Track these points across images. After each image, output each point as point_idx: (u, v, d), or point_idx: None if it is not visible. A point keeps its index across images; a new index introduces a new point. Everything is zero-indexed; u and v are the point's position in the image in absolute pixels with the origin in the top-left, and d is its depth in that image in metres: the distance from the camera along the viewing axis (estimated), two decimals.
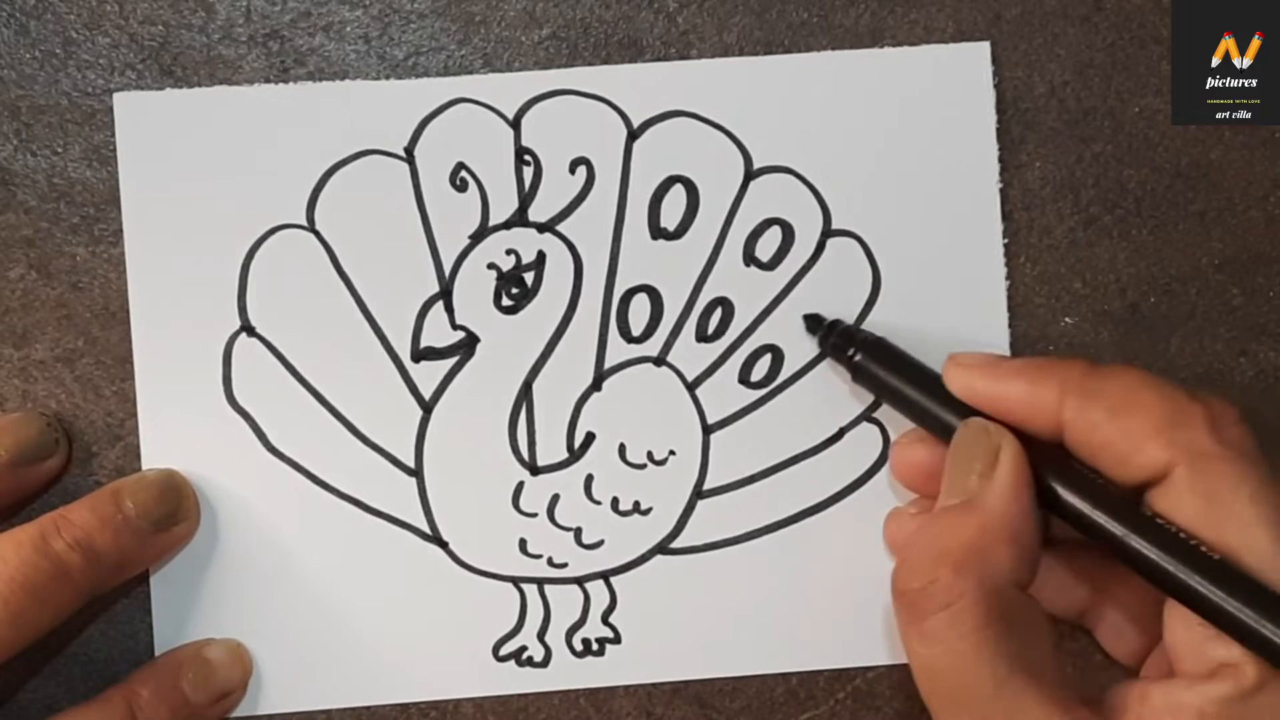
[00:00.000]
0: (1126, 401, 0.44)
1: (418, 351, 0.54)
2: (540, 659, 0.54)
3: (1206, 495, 0.42)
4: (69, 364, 0.54)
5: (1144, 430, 0.43)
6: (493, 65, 0.54)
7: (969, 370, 0.48)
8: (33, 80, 0.53)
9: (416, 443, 0.54)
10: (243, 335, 0.54)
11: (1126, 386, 0.45)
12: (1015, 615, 0.43)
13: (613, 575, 0.54)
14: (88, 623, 0.53)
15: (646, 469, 0.54)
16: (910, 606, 0.44)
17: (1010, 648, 0.43)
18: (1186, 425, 0.43)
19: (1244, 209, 0.56)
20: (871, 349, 0.52)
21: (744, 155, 0.54)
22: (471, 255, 0.54)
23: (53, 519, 0.49)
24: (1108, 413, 0.44)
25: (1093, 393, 0.45)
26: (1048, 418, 0.46)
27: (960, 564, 0.44)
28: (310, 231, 0.54)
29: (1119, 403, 0.44)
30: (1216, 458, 0.42)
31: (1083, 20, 0.55)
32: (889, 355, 0.52)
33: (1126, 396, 0.44)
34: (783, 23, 0.55)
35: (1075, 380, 0.45)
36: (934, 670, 0.44)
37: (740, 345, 0.54)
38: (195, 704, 0.52)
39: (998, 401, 0.47)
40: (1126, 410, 0.44)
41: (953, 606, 0.43)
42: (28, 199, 0.53)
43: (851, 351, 0.52)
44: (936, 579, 0.44)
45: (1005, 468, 0.45)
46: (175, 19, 0.54)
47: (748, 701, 0.55)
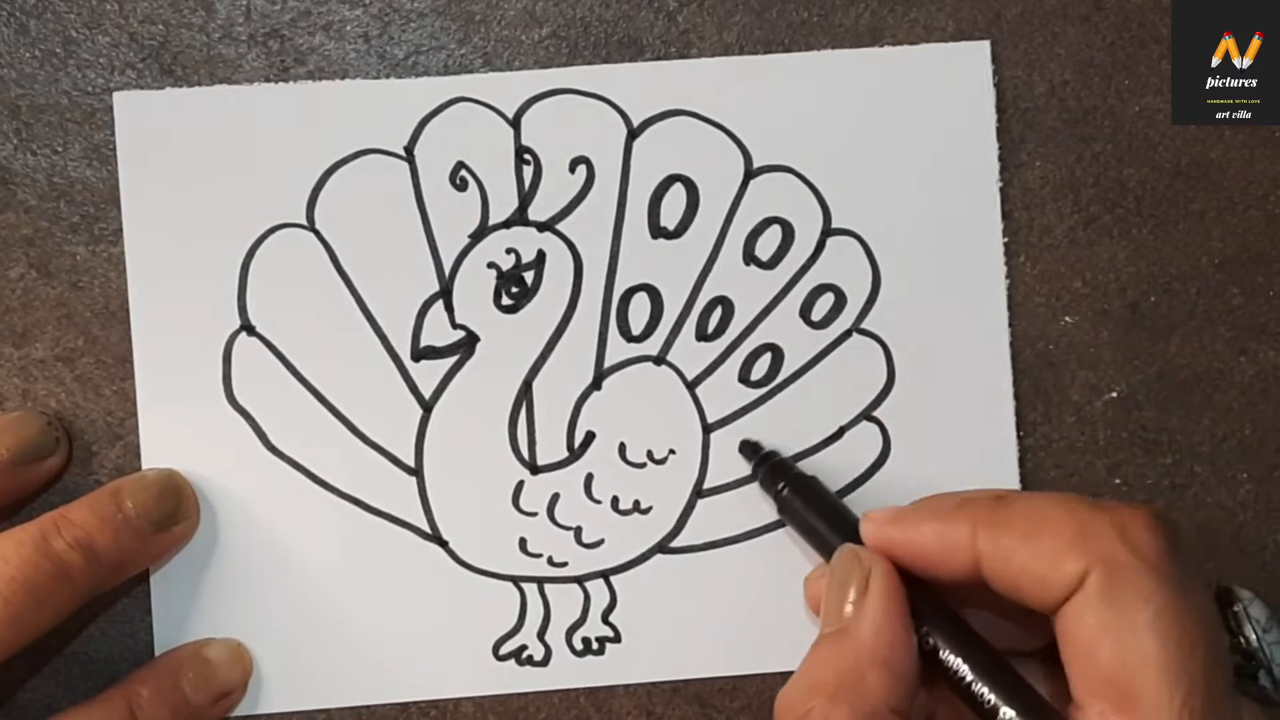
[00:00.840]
0: (1036, 523, 0.44)
1: (418, 351, 0.54)
2: (540, 658, 0.54)
3: (1115, 604, 0.42)
4: (69, 363, 0.54)
5: (1056, 547, 0.43)
6: (493, 64, 0.54)
7: (881, 523, 0.47)
8: (33, 79, 0.53)
9: (416, 442, 0.54)
10: (243, 334, 0.54)
11: (1034, 509, 0.44)
12: None
13: (613, 574, 0.54)
14: (88, 622, 0.53)
15: (646, 468, 0.54)
16: None
17: None
18: (1097, 535, 0.43)
19: (1244, 208, 0.56)
20: (799, 486, 0.52)
21: (744, 154, 0.54)
22: (471, 254, 0.54)
23: (53, 518, 0.49)
24: (1021, 538, 0.44)
25: (1002, 523, 0.44)
26: (963, 555, 0.45)
27: (834, 694, 0.43)
28: (310, 231, 0.54)
29: (1030, 526, 0.44)
30: (1127, 566, 0.42)
31: (1083, 20, 0.55)
32: (813, 495, 0.52)
33: (1036, 518, 0.44)
34: (783, 22, 0.55)
35: (984, 514, 0.45)
36: None
37: (740, 344, 0.54)
38: (195, 704, 0.52)
39: (913, 547, 0.46)
40: (1037, 532, 0.44)
41: None
42: (28, 198, 0.53)
43: (781, 486, 0.52)
44: (811, 709, 0.43)
45: (875, 593, 0.45)
46: (175, 18, 0.54)
47: (748, 701, 0.55)
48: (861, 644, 0.44)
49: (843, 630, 0.45)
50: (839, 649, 0.44)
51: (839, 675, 0.44)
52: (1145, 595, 0.41)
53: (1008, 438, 0.55)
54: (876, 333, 0.55)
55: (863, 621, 0.45)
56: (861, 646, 0.44)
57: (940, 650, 0.45)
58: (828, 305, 0.55)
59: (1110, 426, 0.55)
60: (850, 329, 0.55)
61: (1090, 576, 0.42)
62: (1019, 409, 0.55)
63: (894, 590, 0.45)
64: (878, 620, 0.44)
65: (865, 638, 0.44)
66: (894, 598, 0.45)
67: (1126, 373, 0.55)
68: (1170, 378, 0.56)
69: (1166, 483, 0.56)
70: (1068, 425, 0.55)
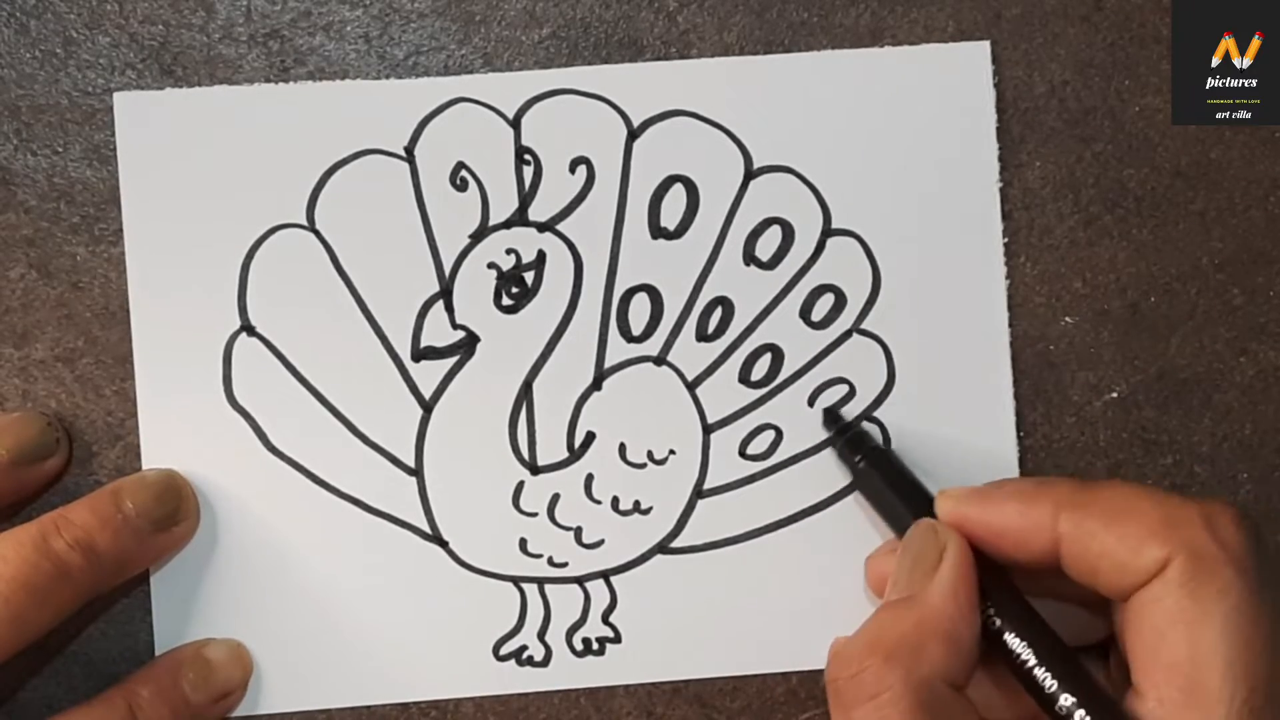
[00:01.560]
0: (1122, 509, 0.44)
1: (418, 351, 0.54)
2: (540, 658, 0.54)
3: (1194, 594, 0.42)
4: (69, 364, 0.54)
5: (1140, 534, 0.43)
6: (493, 65, 0.54)
7: (959, 500, 0.48)
8: (33, 80, 0.53)
9: (417, 442, 0.54)
10: (243, 335, 0.54)
11: (1121, 495, 0.45)
12: (944, 712, 0.43)
13: (613, 575, 0.54)
14: (88, 623, 0.53)
15: (647, 468, 0.54)
16: (838, 695, 0.44)
17: None
18: (1183, 524, 0.43)
19: (1244, 208, 0.56)
20: (876, 459, 0.52)
21: (744, 154, 0.54)
22: (472, 255, 0.54)
23: (53, 519, 0.49)
24: (1104, 521, 0.44)
25: (1087, 505, 0.45)
26: (1043, 536, 0.45)
27: (890, 655, 0.44)
28: (310, 231, 0.54)
29: (1114, 510, 0.44)
30: (1212, 557, 0.42)
31: (1083, 20, 0.55)
32: (891, 469, 0.52)
33: (1122, 504, 0.44)
34: (783, 22, 0.55)
35: (1067, 496, 0.45)
36: None
37: (740, 345, 0.54)
38: (195, 704, 0.52)
39: (992, 525, 0.46)
40: (1123, 517, 0.44)
41: (879, 697, 0.43)
42: (28, 198, 0.53)
43: (859, 458, 0.52)
44: (865, 669, 0.44)
45: (949, 565, 0.45)
46: (175, 18, 0.54)
47: (748, 701, 0.55)
48: (927, 612, 0.44)
49: (909, 598, 0.45)
50: (903, 615, 0.45)
51: (899, 639, 0.44)
52: (1224, 588, 0.42)
53: (1008, 438, 0.55)
54: (876, 333, 0.55)
55: (932, 591, 0.45)
56: (927, 614, 0.44)
57: (1005, 632, 0.45)
58: (828, 305, 0.55)
59: (1110, 427, 0.55)
60: (850, 329, 0.55)
61: (1172, 564, 0.42)
62: (1019, 409, 0.55)
63: (967, 566, 0.45)
64: (946, 591, 0.45)
65: (932, 606, 0.45)
66: (966, 573, 0.45)
67: (1127, 373, 0.55)
68: (1170, 378, 0.56)
69: (1167, 483, 0.56)
70: (1068, 425, 0.55)
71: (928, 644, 0.44)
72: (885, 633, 0.44)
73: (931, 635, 0.44)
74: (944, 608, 0.45)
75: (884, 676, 0.43)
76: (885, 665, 0.43)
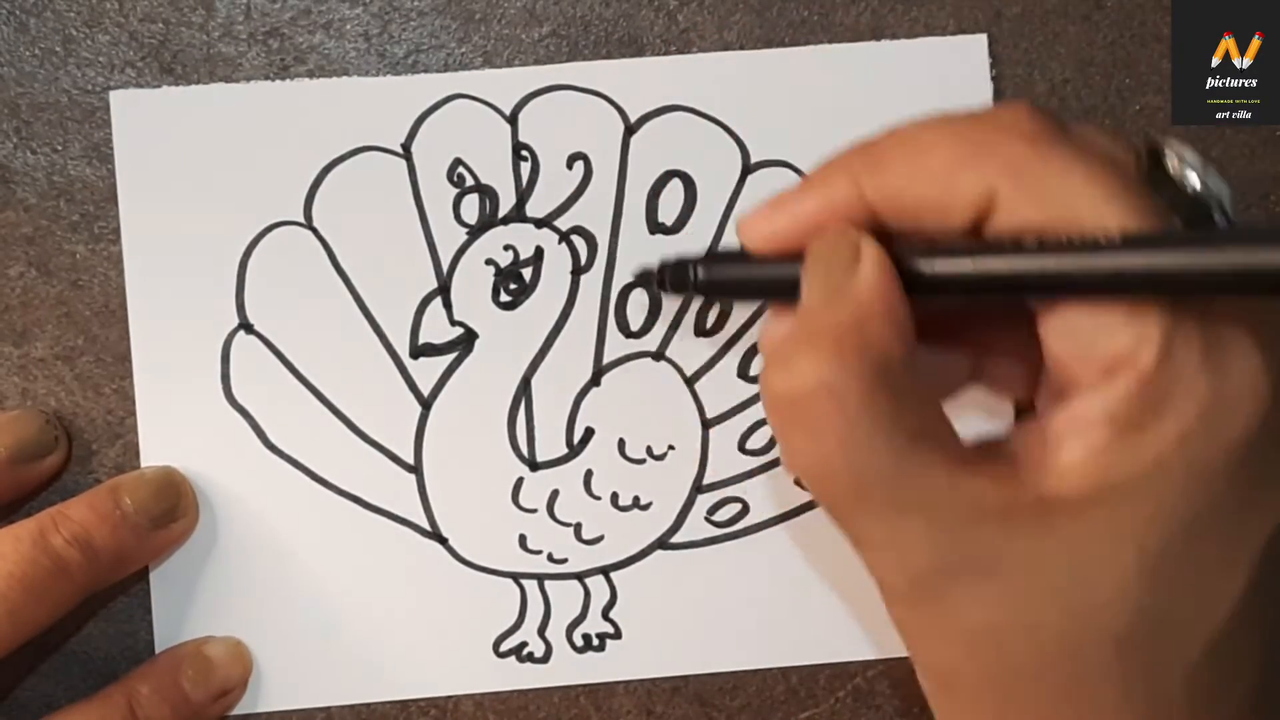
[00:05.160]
0: (917, 151, 0.41)
1: (416, 348, 0.54)
2: (541, 655, 0.54)
3: (1039, 198, 0.39)
4: (69, 362, 0.54)
5: (948, 167, 0.40)
6: (493, 63, 0.54)
7: (756, 222, 0.43)
8: (32, 78, 0.54)
9: (415, 439, 0.54)
10: (241, 333, 0.54)
11: (908, 137, 0.41)
12: (903, 389, 0.39)
13: (613, 570, 0.54)
14: (87, 620, 0.53)
15: (646, 464, 0.54)
16: (787, 400, 0.40)
17: (905, 421, 0.39)
18: (987, 144, 0.40)
19: (1245, 207, 0.56)
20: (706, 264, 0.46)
21: (741, 149, 0.54)
22: (469, 251, 0.54)
23: (51, 515, 0.49)
24: (907, 171, 0.41)
25: (881, 162, 0.41)
26: (857, 216, 0.41)
27: (836, 344, 0.39)
28: (308, 229, 0.54)
29: (911, 155, 0.41)
30: (1030, 158, 0.39)
31: (1083, 18, 0.55)
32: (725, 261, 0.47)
33: (915, 147, 0.41)
34: (783, 20, 0.55)
35: (860, 162, 0.42)
36: (827, 466, 0.39)
37: (739, 339, 0.54)
38: (195, 701, 0.52)
39: (806, 228, 0.42)
40: (921, 157, 0.40)
41: (834, 388, 0.38)
42: (27, 197, 0.54)
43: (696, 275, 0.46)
44: (812, 362, 0.39)
45: (868, 255, 0.40)
46: (175, 16, 0.54)
47: (748, 700, 0.54)
48: (861, 297, 0.40)
49: (836, 292, 0.40)
50: (836, 307, 0.40)
51: (839, 327, 0.39)
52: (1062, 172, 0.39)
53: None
54: None
55: (860, 281, 0.40)
56: (860, 300, 0.40)
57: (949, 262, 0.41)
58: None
59: None
60: None
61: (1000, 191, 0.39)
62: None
63: (884, 254, 0.40)
64: (875, 276, 0.40)
65: (864, 290, 0.40)
66: (886, 259, 0.40)
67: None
68: None
69: None
70: None
71: (871, 326, 0.39)
72: (822, 322, 0.40)
73: (871, 318, 0.39)
74: (877, 290, 0.40)
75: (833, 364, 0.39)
76: (832, 355, 0.39)
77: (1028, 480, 0.39)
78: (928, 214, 0.40)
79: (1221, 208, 0.41)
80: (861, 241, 0.41)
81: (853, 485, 0.39)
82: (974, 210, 0.39)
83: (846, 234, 0.41)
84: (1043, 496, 0.38)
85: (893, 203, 0.41)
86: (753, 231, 0.43)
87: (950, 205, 0.40)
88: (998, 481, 0.39)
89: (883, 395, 0.39)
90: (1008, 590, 0.38)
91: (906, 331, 0.40)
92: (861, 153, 0.42)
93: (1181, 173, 0.41)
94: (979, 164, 0.39)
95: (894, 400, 0.39)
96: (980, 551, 0.38)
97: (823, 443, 0.39)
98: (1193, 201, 0.41)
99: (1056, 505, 0.38)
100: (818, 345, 0.39)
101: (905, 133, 0.41)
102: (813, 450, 0.40)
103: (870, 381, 0.39)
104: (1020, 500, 0.38)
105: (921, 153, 0.41)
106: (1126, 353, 0.37)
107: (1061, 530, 0.38)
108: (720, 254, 0.50)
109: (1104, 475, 0.38)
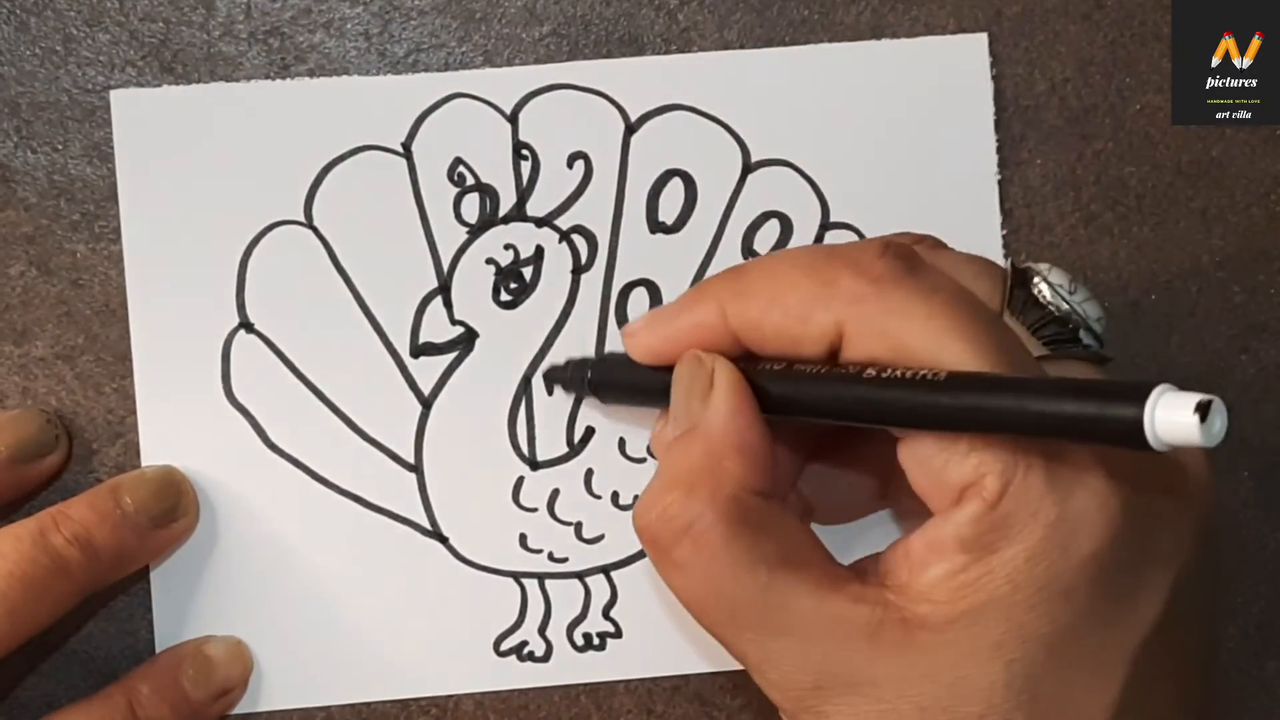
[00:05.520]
0: (776, 285, 0.43)
1: (417, 347, 0.54)
2: (541, 654, 0.54)
3: (880, 336, 0.41)
4: (69, 361, 0.53)
5: (802, 302, 0.42)
6: (493, 62, 0.54)
7: (638, 334, 0.47)
8: (33, 77, 0.54)
9: (416, 438, 0.54)
10: (241, 332, 0.54)
11: (769, 271, 0.44)
12: (761, 520, 0.42)
13: (613, 570, 0.54)
14: (88, 619, 0.53)
15: (646, 463, 0.54)
16: (654, 541, 0.42)
17: (765, 550, 0.41)
18: (834, 281, 0.42)
19: (1245, 206, 0.56)
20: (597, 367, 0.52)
21: (741, 148, 0.54)
22: (470, 250, 0.54)
23: (51, 514, 0.49)
24: (765, 303, 0.43)
25: (744, 293, 0.44)
26: (723, 336, 0.44)
27: (691, 484, 0.42)
28: (308, 228, 0.54)
29: (770, 289, 0.43)
30: (871, 298, 0.41)
31: (1084, 17, 0.55)
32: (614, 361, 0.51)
33: (775, 282, 0.43)
34: (783, 20, 0.55)
35: (727, 289, 0.44)
36: (699, 598, 0.42)
37: None
38: (195, 701, 0.52)
39: (678, 344, 0.45)
40: (779, 292, 0.43)
41: (694, 527, 0.41)
42: (28, 196, 0.53)
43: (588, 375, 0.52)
44: (670, 504, 0.42)
45: (721, 385, 0.43)
46: (175, 16, 0.54)
47: (749, 699, 0.54)
48: (713, 434, 0.43)
49: (692, 429, 0.43)
50: (691, 445, 0.43)
51: (693, 467, 0.42)
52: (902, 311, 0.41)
53: None
54: None
55: (712, 415, 0.43)
56: (713, 436, 0.43)
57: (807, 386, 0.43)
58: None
59: None
60: None
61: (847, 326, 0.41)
62: None
63: (738, 382, 0.43)
64: (725, 410, 0.43)
65: (716, 427, 0.43)
66: (739, 388, 0.43)
67: (1128, 371, 0.55)
68: (1171, 376, 0.54)
69: None
70: None
71: (723, 463, 0.42)
72: (678, 466, 0.43)
73: (724, 455, 0.42)
74: (729, 425, 0.43)
75: (690, 505, 0.41)
76: (689, 495, 0.41)
77: (895, 600, 0.40)
78: (785, 344, 0.43)
79: (1089, 328, 0.44)
80: (716, 368, 0.44)
81: (725, 614, 0.42)
82: (826, 343, 0.42)
83: (702, 361, 0.44)
84: (907, 617, 0.40)
85: (754, 331, 0.43)
86: (634, 341, 0.47)
87: (804, 337, 0.42)
88: (865, 602, 0.41)
89: (741, 528, 0.41)
90: (879, 705, 0.40)
91: (761, 461, 0.43)
92: (730, 280, 0.45)
93: (1048, 295, 0.44)
94: (827, 302, 0.41)
95: (753, 531, 0.41)
96: (850, 670, 0.40)
97: (689, 578, 0.42)
98: (1060, 319, 0.44)
99: (921, 624, 0.40)
100: (675, 485, 0.42)
101: (767, 265, 0.44)
102: (682, 583, 0.42)
103: (727, 516, 0.41)
104: (887, 620, 0.40)
105: (780, 288, 0.43)
106: (972, 480, 0.39)
107: (927, 649, 0.40)
108: (611, 358, 0.52)
109: (961, 595, 0.39)
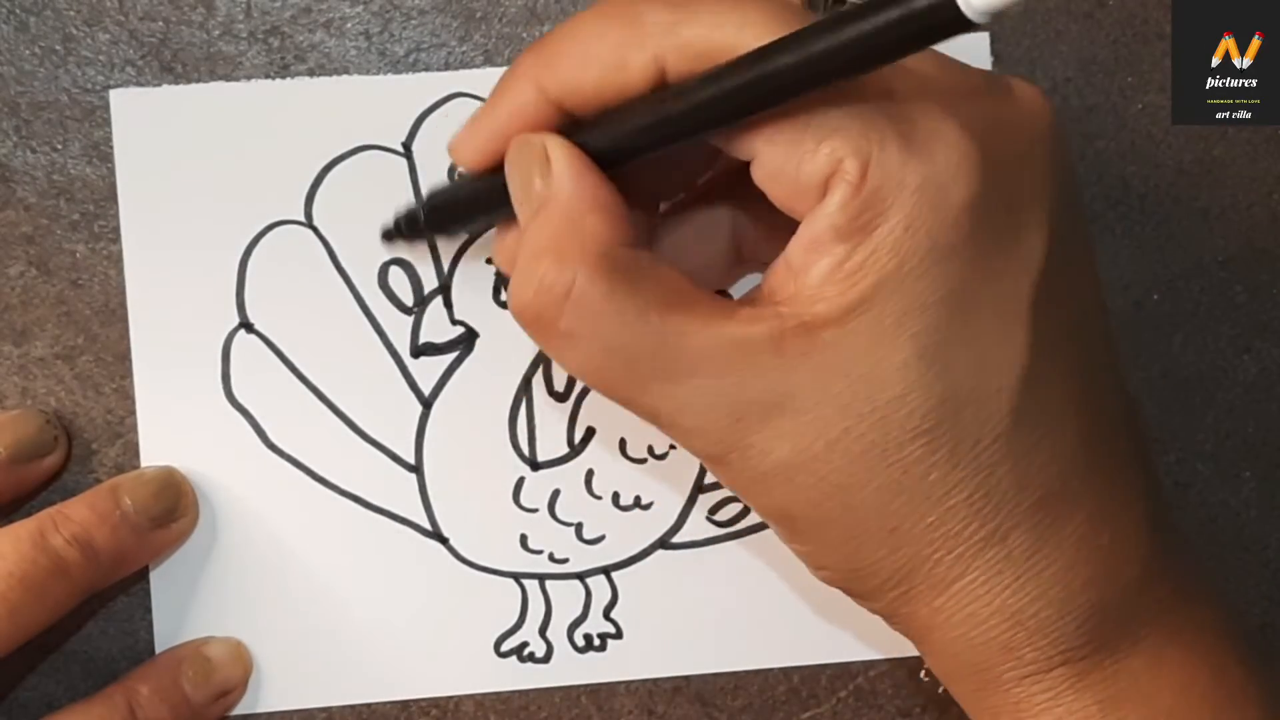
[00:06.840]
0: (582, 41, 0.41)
1: (417, 347, 0.54)
2: (542, 654, 0.54)
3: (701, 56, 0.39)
4: (68, 361, 0.53)
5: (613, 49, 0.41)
6: (494, 62, 0.54)
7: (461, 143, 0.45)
8: (32, 76, 0.53)
9: (416, 439, 0.54)
10: (241, 332, 0.53)
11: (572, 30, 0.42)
12: (638, 269, 0.41)
13: (614, 570, 0.54)
14: (87, 620, 0.53)
15: (647, 464, 0.54)
16: (537, 318, 0.41)
17: (649, 296, 0.40)
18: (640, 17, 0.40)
19: (1247, 206, 0.56)
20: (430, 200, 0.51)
21: None
22: (470, 250, 0.54)
23: (51, 515, 0.49)
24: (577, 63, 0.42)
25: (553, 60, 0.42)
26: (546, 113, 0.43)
27: (560, 251, 0.40)
28: (308, 227, 0.54)
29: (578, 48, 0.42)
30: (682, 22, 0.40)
31: (1085, 17, 0.55)
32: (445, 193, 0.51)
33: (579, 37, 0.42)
34: None
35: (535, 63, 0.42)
36: (596, 362, 0.41)
37: None
38: (195, 702, 0.52)
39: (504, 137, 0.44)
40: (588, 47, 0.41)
41: (574, 290, 0.40)
42: (27, 196, 0.53)
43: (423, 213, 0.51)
44: (543, 274, 0.40)
45: (558, 154, 0.42)
46: (175, 15, 0.54)
47: (749, 700, 0.54)
48: (565, 199, 0.41)
49: (541, 204, 0.42)
50: (547, 217, 0.41)
51: (556, 233, 0.41)
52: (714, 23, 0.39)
53: None
54: None
55: (557, 182, 0.42)
56: (566, 201, 0.41)
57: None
58: None
59: None
60: None
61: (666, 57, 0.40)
62: None
63: (572, 147, 0.42)
64: (571, 173, 0.41)
65: (566, 192, 0.41)
66: (576, 152, 0.42)
67: (1129, 371, 0.55)
68: (1173, 376, 0.56)
69: (1169, 481, 0.55)
70: None
71: (583, 223, 0.41)
72: (540, 239, 0.41)
73: (582, 215, 0.41)
74: (577, 188, 0.41)
75: (564, 269, 0.40)
76: (560, 261, 0.40)
77: (790, 310, 0.40)
78: (610, 99, 0.41)
79: None
80: (547, 142, 0.42)
81: (626, 371, 0.41)
82: (649, 83, 0.40)
83: (529, 141, 0.43)
84: (806, 321, 0.39)
85: (575, 96, 0.42)
86: (460, 151, 0.45)
87: (626, 85, 0.41)
88: (761, 321, 0.40)
89: (620, 280, 0.40)
90: (802, 417, 0.40)
91: (620, 213, 0.42)
92: (536, 51, 0.43)
93: None
94: (640, 41, 0.40)
95: (632, 280, 0.40)
96: (765, 390, 0.40)
97: (581, 345, 0.41)
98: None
99: (821, 324, 0.39)
100: (544, 255, 0.41)
101: (570, 24, 0.42)
102: (575, 354, 0.41)
103: (603, 271, 0.40)
104: (787, 330, 0.39)
105: (588, 42, 0.41)
106: (831, 169, 0.38)
107: (832, 345, 0.39)
108: (440, 188, 0.51)
109: (852, 283, 0.39)
